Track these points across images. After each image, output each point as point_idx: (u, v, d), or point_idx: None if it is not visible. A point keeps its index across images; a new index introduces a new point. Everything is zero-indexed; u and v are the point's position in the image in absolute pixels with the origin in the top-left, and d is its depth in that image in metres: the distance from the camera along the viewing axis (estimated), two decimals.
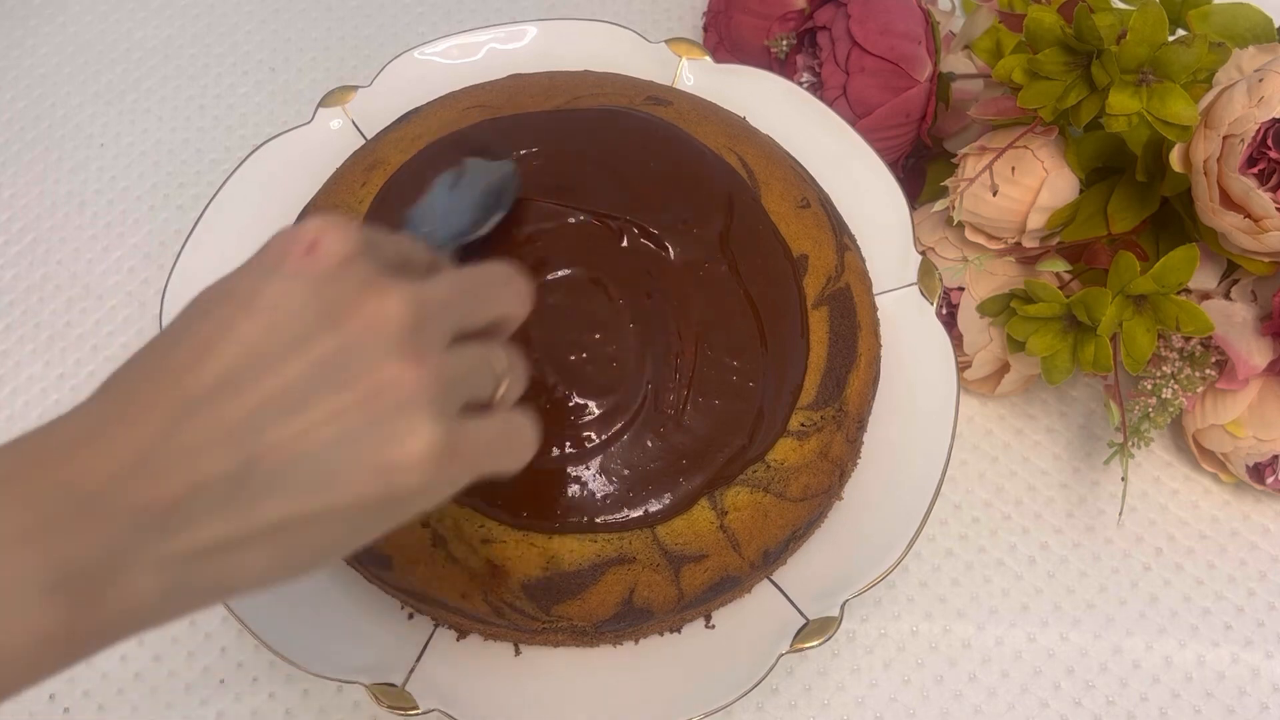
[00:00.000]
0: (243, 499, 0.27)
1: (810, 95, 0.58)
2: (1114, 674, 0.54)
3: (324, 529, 0.28)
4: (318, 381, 0.28)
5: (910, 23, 0.58)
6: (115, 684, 0.53)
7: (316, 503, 0.27)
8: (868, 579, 0.47)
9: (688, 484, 0.45)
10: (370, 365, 0.28)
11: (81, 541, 0.25)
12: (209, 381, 0.27)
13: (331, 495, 0.27)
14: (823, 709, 0.53)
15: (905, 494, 0.49)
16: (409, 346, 0.28)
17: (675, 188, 0.50)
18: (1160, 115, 0.49)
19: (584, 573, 0.45)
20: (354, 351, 0.28)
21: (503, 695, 0.47)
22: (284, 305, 0.28)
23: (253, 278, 0.29)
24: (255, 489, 0.27)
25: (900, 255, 0.54)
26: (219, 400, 0.27)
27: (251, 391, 0.27)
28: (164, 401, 0.27)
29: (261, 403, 0.27)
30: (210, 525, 0.27)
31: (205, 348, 0.28)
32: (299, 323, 0.28)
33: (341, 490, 0.28)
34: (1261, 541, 0.58)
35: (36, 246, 0.65)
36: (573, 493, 0.45)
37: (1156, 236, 0.55)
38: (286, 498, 0.27)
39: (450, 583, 0.45)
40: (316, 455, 0.27)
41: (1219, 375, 0.54)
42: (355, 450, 0.27)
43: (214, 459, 0.27)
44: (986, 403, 0.61)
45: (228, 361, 0.27)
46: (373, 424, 0.28)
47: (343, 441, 0.27)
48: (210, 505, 0.27)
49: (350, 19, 0.74)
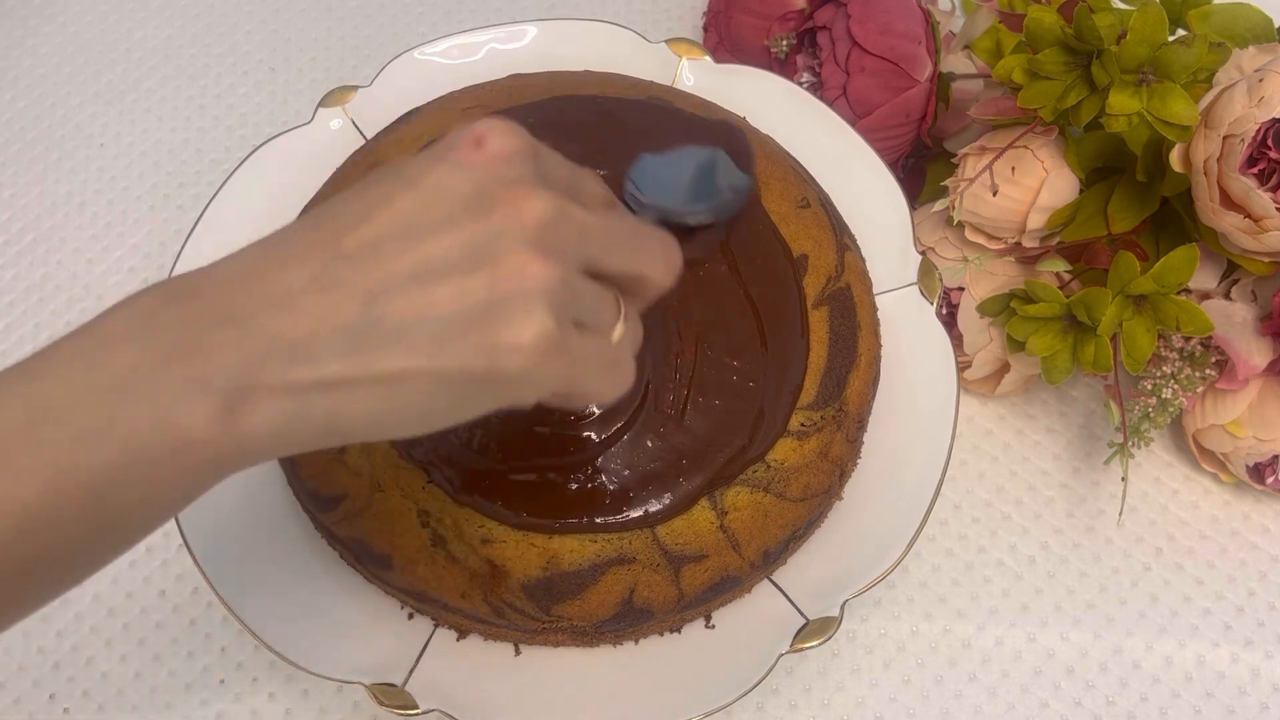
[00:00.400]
0: (364, 347, 0.29)
1: (810, 95, 0.58)
2: (1114, 674, 0.54)
3: (430, 390, 0.30)
4: (455, 260, 0.30)
5: (910, 23, 0.58)
6: (115, 684, 0.53)
7: (427, 363, 0.30)
8: (868, 579, 0.47)
9: (688, 484, 0.45)
10: (505, 253, 0.30)
11: (223, 358, 0.28)
12: (359, 243, 0.30)
13: (441, 359, 0.30)
14: (823, 709, 0.53)
15: (905, 494, 0.49)
16: (543, 244, 0.31)
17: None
18: (1160, 115, 0.49)
19: (584, 573, 0.45)
20: (494, 239, 0.30)
21: (503, 695, 0.47)
22: (442, 188, 0.31)
23: (422, 162, 0.31)
24: (376, 340, 0.29)
25: (900, 255, 0.54)
26: (364, 260, 0.30)
27: (394, 258, 0.30)
28: (316, 254, 0.30)
29: (400, 268, 0.30)
30: (331, 363, 0.29)
31: (365, 214, 0.31)
32: (451, 206, 0.30)
33: (451, 357, 0.30)
34: (1261, 541, 0.58)
35: (36, 246, 0.65)
36: (572, 493, 0.45)
37: (1156, 236, 0.55)
38: (401, 353, 0.30)
39: (450, 583, 0.45)
40: (436, 321, 0.30)
41: (1219, 375, 0.54)
42: (471, 324, 0.30)
43: (346, 307, 0.29)
44: (986, 403, 0.61)
45: (380, 229, 0.30)
46: (493, 304, 0.30)
47: (462, 314, 0.30)
48: (335, 347, 0.29)
49: (350, 19, 0.74)
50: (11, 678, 0.53)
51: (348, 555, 0.48)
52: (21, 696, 0.53)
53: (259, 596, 0.47)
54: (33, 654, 0.54)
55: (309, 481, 0.47)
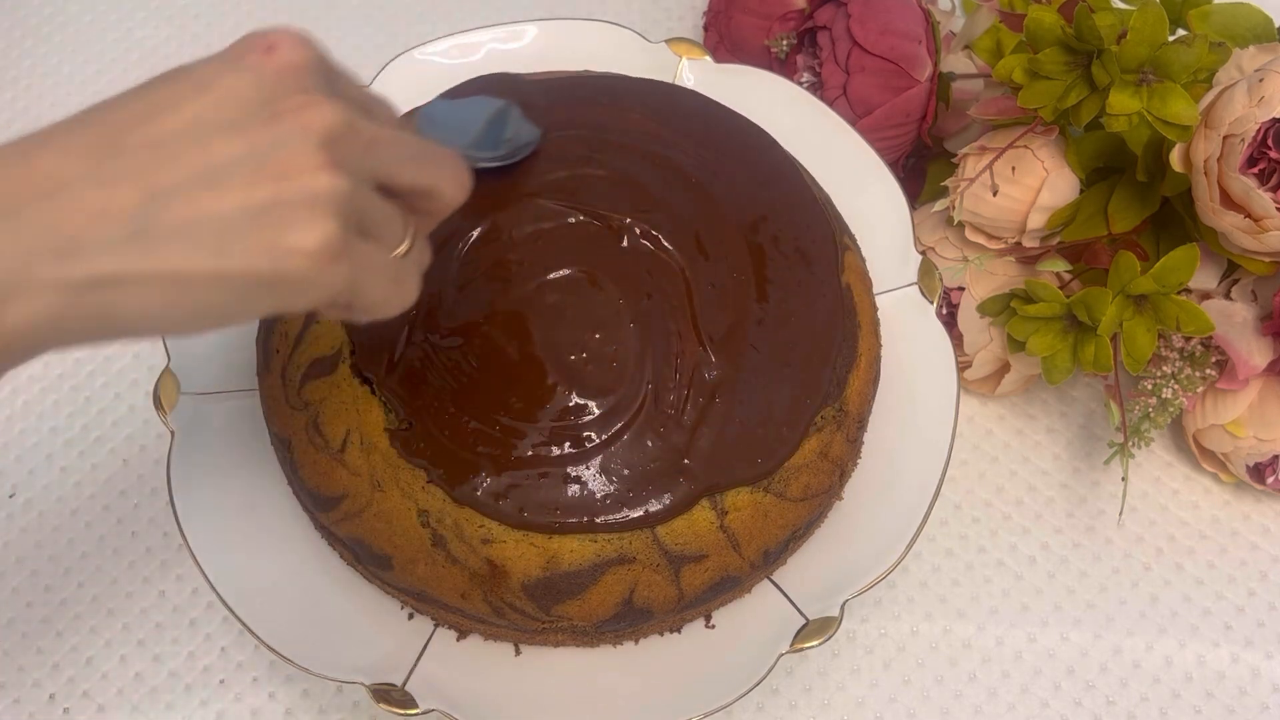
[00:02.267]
0: (140, 243, 0.29)
1: (811, 95, 0.58)
2: (1114, 674, 0.54)
3: (211, 291, 0.30)
4: (241, 162, 0.30)
5: (910, 22, 0.58)
6: (115, 684, 0.53)
7: (209, 263, 0.30)
8: (868, 579, 0.47)
9: (688, 484, 0.45)
10: (293, 159, 0.30)
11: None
12: (142, 141, 0.30)
13: (223, 261, 0.30)
14: (823, 709, 0.53)
15: (905, 494, 0.49)
16: (331, 152, 0.31)
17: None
18: (1160, 115, 0.49)
19: (584, 572, 0.45)
20: (281, 145, 0.30)
21: (503, 695, 0.47)
22: (230, 92, 0.30)
23: (211, 65, 0.31)
24: (154, 236, 0.29)
25: (900, 255, 0.54)
26: (146, 156, 0.30)
27: (178, 157, 0.30)
28: (96, 147, 0.29)
29: (183, 167, 0.30)
30: (104, 260, 0.29)
31: (150, 113, 0.30)
32: (238, 110, 0.30)
33: (233, 257, 0.30)
34: (1262, 541, 0.58)
35: None
36: (572, 493, 0.44)
37: (1157, 236, 0.55)
38: (181, 251, 0.29)
39: (450, 583, 0.45)
40: (218, 219, 0.30)
41: (1219, 375, 0.54)
42: (256, 226, 0.30)
43: (124, 201, 0.29)
44: (987, 403, 0.61)
45: (164, 128, 0.30)
46: (278, 207, 0.30)
47: (246, 215, 0.30)
48: (108, 242, 0.29)
49: (350, 18, 0.74)
50: (11, 678, 0.53)
51: (347, 555, 0.48)
52: (21, 697, 0.53)
53: (259, 596, 0.47)
54: (32, 654, 0.54)
55: (309, 481, 0.47)
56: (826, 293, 0.49)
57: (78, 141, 0.30)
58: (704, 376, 0.46)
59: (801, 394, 0.47)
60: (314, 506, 0.47)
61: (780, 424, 0.46)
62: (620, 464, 0.45)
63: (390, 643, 0.48)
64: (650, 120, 0.51)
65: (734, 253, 0.48)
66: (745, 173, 0.51)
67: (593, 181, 0.49)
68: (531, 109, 0.50)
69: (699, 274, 0.47)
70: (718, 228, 0.49)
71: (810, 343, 0.48)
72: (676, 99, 0.54)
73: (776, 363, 0.47)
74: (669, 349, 0.46)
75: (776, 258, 0.49)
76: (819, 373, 0.47)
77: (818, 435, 0.47)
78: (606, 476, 0.45)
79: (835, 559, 0.49)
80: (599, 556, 0.45)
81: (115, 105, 0.31)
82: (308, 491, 0.47)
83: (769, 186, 0.51)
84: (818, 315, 0.48)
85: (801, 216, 0.50)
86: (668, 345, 0.46)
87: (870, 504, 0.50)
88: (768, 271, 0.48)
